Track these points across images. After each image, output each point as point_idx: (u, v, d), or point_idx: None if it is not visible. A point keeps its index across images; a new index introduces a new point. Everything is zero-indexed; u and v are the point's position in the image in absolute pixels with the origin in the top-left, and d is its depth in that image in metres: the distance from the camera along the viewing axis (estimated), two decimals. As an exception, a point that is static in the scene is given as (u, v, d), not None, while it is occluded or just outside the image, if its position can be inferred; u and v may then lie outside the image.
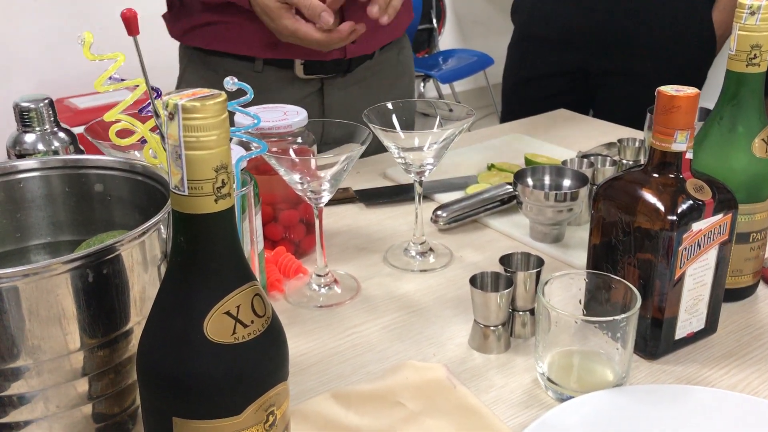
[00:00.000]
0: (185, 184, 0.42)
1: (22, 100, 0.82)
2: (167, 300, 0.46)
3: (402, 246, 0.95)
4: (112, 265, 0.51)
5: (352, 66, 1.23)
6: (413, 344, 0.77)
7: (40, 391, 0.50)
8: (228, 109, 0.43)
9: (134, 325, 0.54)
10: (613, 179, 0.74)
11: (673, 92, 0.67)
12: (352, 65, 1.23)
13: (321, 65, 1.20)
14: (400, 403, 0.66)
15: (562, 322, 0.67)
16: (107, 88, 0.61)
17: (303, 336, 0.78)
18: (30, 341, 0.49)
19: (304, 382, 0.71)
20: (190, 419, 0.45)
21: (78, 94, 2.76)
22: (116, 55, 0.59)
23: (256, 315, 0.46)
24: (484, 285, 0.75)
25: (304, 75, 1.20)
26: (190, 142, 0.42)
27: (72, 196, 0.64)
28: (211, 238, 0.44)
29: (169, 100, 0.41)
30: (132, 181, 0.63)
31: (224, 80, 0.59)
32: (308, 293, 0.86)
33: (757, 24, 0.73)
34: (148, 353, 0.46)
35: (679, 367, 0.73)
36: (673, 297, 0.71)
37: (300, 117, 0.86)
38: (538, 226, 0.96)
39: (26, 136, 0.82)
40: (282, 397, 0.48)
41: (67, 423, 0.52)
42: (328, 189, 0.80)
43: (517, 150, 1.25)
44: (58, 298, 0.49)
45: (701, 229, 0.70)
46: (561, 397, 0.68)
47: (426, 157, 0.87)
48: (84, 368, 0.51)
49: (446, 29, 4.11)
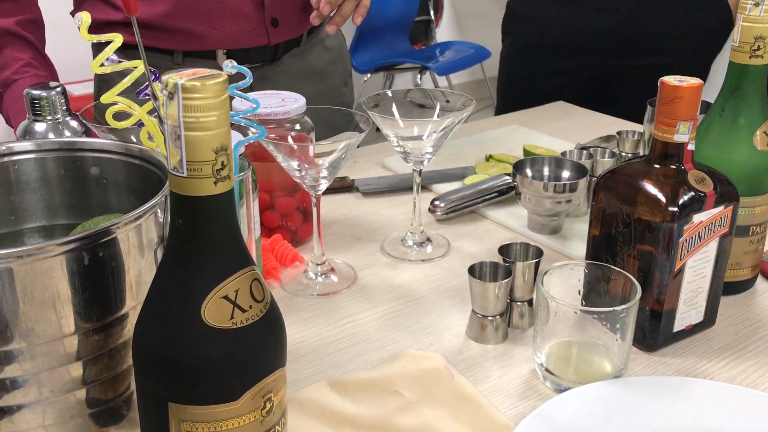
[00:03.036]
0: (184, 166, 0.42)
1: (33, 88, 0.79)
2: (164, 284, 0.45)
3: (399, 236, 0.95)
4: (108, 249, 0.50)
5: (278, 54, 1.19)
6: (410, 333, 0.76)
7: (33, 375, 0.49)
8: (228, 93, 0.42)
9: (130, 309, 0.53)
10: (614, 170, 0.74)
11: (677, 82, 0.67)
12: (278, 53, 1.19)
13: (246, 54, 1.16)
14: (397, 392, 0.66)
15: (561, 312, 0.67)
16: (104, 69, 0.60)
17: (299, 324, 0.78)
18: (24, 324, 0.48)
19: (300, 371, 0.70)
20: (187, 405, 0.45)
21: (73, 80, 2.74)
22: (114, 36, 0.58)
23: (254, 300, 0.45)
24: (483, 275, 0.75)
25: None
26: (189, 123, 0.41)
27: (67, 180, 0.64)
28: (209, 221, 0.43)
29: (169, 80, 0.40)
30: (128, 165, 0.62)
31: (223, 63, 0.58)
32: (305, 281, 0.85)
33: (762, 15, 0.72)
34: (144, 338, 0.45)
35: (678, 359, 0.72)
36: (672, 289, 0.70)
37: (298, 104, 0.85)
38: (536, 217, 0.95)
39: (37, 126, 0.79)
40: (279, 383, 0.48)
41: (61, 408, 0.51)
42: (326, 177, 0.80)
43: (515, 141, 1.24)
44: (53, 280, 0.48)
45: (702, 221, 0.69)
46: (559, 388, 0.68)
47: (425, 146, 0.86)
48: (78, 352, 0.51)
49: (443, 21, 4.10)
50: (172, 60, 1.14)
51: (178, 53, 1.14)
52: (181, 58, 1.14)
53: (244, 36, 1.14)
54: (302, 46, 1.23)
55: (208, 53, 1.15)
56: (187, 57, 1.15)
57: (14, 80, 1.12)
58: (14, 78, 1.12)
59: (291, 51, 1.21)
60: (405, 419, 0.63)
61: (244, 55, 1.16)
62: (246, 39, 1.13)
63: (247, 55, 1.16)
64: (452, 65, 3.59)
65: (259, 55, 1.17)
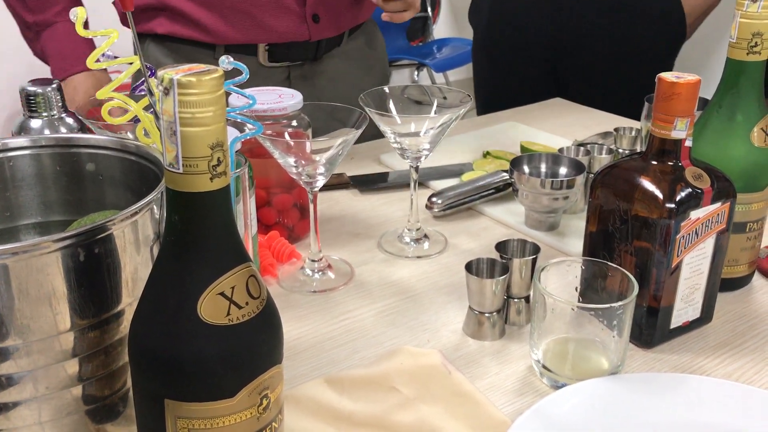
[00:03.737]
0: (180, 162, 0.41)
1: (29, 85, 0.79)
2: (160, 280, 0.45)
3: (396, 232, 0.95)
4: (104, 245, 0.50)
5: (319, 52, 1.19)
6: (407, 330, 0.76)
7: (29, 372, 0.49)
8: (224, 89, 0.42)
9: (126, 306, 0.53)
10: (612, 166, 0.74)
11: (674, 79, 0.67)
12: (320, 51, 1.19)
13: (287, 50, 1.16)
14: (394, 389, 0.66)
15: (558, 309, 0.67)
16: (100, 65, 0.60)
17: (296, 321, 0.78)
18: (19, 321, 0.48)
19: (296, 367, 0.70)
20: (183, 401, 0.44)
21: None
22: (109, 32, 0.58)
23: (250, 296, 0.45)
24: (480, 271, 0.74)
25: (268, 63, 1.17)
26: (185, 119, 0.41)
27: (63, 176, 0.63)
28: (205, 217, 0.43)
29: (165, 75, 0.40)
30: (124, 161, 0.62)
31: (219, 59, 0.58)
32: (302, 278, 0.85)
33: (759, 12, 0.72)
34: (140, 334, 0.45)
35: (674, 355, 0.72)
36: (669, 286, 0.70)
37: (295, 100, 0.85)
38: (533, 214, 0.95)
39: (32, 122, 0.79)
40: (276, 380, 0.48)
41: (57, 405, 0.51)
42: (323, 173, 0.79)
43: (512, 138, 1.24)
44: (49, 277, 0.48)
45: (699, 218, 0.69)
46: (556, 385, 0.68)
47: (422, 143, 0.86)
48: (74, 349, 0.50)
49: (441, 18, 4.10)
50: (213, 56, 1.15)
51: (219, 48, 1.15)
52: (223, 52, 1.15)
53: (286, 30, 1.14)
54: (343, 47, 1.23)
55: (249, 48, 1.15)
56: (229, 53, 1.14)
57: (54, 22, 1.14)
58: (54, 20, 1.14)
59: (332, 51, 1.22)
60: (402, 416, 0.63)
61: (285, 52, 1.17)
62: (287, 33, 1.13)
63: (288, 51, 1.17)
64: (449, 62, 3.58)
65: (300, 53, 1.18)
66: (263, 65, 1.17)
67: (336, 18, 1.17)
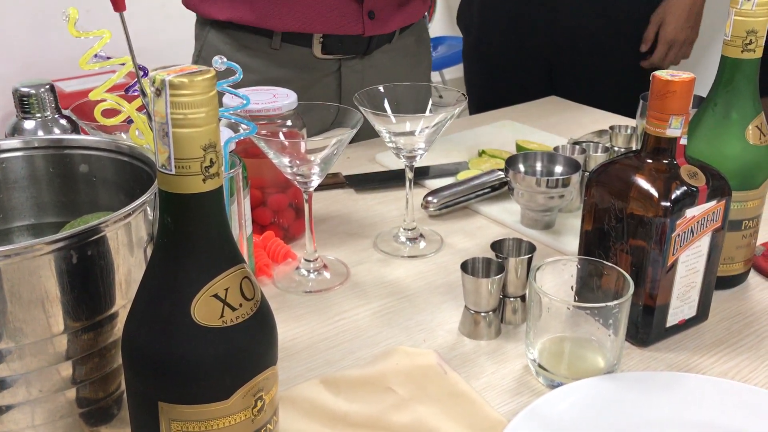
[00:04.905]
0: (172, 163, 0.41)
1: (22, 86, 0.78)
2: (153, 282, 0.45)
3: (392, 232, 0.95)
4: (97, 247, 0.49)
5: (371, 47, 1.22)
6: (403, 330, 0.76)
7: (22, 375, 0.49)
8: (216, 89, 0.42)
9: (119, 308, 0.52)
10: (607, 164, 0.74)
11: (669, 77, 0.66)
12: (371, 46, 1.22)
13: (340, 43, 1.19)
14: (390, 389, 0.66)
15: (553, 308, 0.67)
16: (93, 66, 0.59)
17: (291, 321, 0.77)
18: (12, 324, 0.47)
19: (292, 368, 0.70)
20: (177, 404, 0.44)
21: (64, 77, 2.73)
22: (102, 32, 0.58)
23: (244, 298, 0.45)
24: (476, 271, 0.74)
25: (321, 54, 1.19)
26: (177, 120, 0.40)
27: (56, 177, 0.63)
28: (198, 218, 0.43)
29: (156, 76, 0.40)
30: (118, 162, 0.62)
31: (213, 59, 0.57)
32: (297, 278, 0.85)
33: (753, 9, 0.72)
34: (134, 337, 0.45)
35: (670, 354, 0.72)
36: (665, 284, 0.70)
37: (289, 100, 0.84)
38: (529, 213, 0.95)
39: (26, 123, 0.79)
40: (271, 382, 0.48)
41: (51, 408, 0.51)
42: (318, 173, 0.79)
43: (507, 137, 1.24)
44: (41, 279, 0.47)
45: (695, 216, 0.69)
46: (552, 384, 0.67)
47: (417, 142, 0.86)
48: (67, 352, 0.50)
49: (436, 16, 4.09)
50: (270, 44, 1.17)
51: (276, 36, 1.16)
52: (279, 42, 1.17)
53: (342, 23, 1.16)
54: (393, 43, 1.25)
55: (304, 38, 1.17)
56: (285, 42, 1.17)
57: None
58: None
59: (382, 46, 1.24)
60: (398, 416, 0.63)
61: (338, 44, 1.19)
62: (343, 26, 1.16)
63: (341, 44, 1.19)
64: (445, 60, 3.58)
65: (352, 46, 1.20)
66: (316, 57, 1.19)
67: (390, 16, 1.20)
